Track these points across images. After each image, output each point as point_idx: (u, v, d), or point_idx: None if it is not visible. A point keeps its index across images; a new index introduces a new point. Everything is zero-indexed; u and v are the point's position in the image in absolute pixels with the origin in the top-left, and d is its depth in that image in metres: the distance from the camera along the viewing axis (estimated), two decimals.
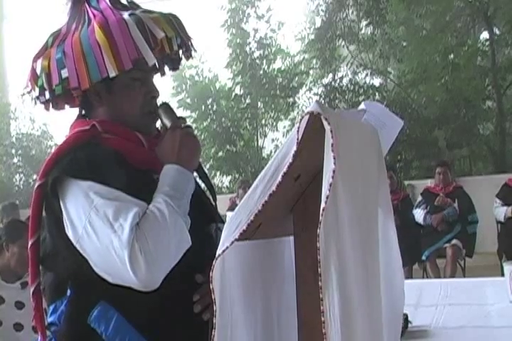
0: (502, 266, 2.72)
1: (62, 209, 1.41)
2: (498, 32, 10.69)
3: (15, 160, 12.19)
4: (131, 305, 1.40)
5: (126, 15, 1.49)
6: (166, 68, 1.69)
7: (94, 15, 1.52)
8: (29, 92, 1.57)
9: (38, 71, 1.52)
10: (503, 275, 2.67)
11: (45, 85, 1.50)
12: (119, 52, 1.44)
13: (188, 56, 1.65)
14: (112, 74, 1.44)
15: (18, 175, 12.11)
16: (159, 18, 1.52)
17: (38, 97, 1.55)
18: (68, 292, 1.45)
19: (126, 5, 1.58)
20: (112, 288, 1.36)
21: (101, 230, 1.34)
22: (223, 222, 1.63)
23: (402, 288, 1.26)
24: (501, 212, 6.05)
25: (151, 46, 1.47)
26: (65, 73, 1.47)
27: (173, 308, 1.44)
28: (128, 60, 1.45)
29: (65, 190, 1.41)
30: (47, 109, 1.59)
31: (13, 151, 12.13)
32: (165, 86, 11.16)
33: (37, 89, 1.53)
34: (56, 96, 1.53)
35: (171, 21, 1.54)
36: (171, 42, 1.53)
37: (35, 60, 1.54)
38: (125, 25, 1.46)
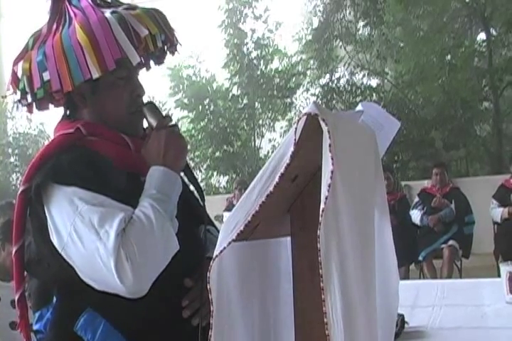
0: (498, 267, 2.72)
1: (47, 216, 1.37)
2: (495, 33, 10.70)
3: (12, 159, 12.15)
4: (118, 312, 1.37)
5: (108, 13, 1.44)
6: (152, 63, 1.64)
7: (75, 15, 1.46)
8: (11, 95, 1.52)
9: (19, 74, 1.47)
10: (499, 276, 2.67)
11: (27, 89, 1.45)
12: (102, 52, 1.39)
13: (173, 51, 1.61)
14: (96, 75, 1.40)
15: (14, 174, 12.07)
16: (142, 15, 1.47)
17: (19, 101, 1.50)
18: (54, 299, 1.42)
19: (108, 1, 1.54)
20: (98, 295, 1.33)
21: (86, 237, 1.30)
22: (212, 224, 1.62)
23: (397, 288, 1.26)
24: (498, 212, 6.08)
25: (134, 44, 1.42)
26: (46, 76, 1.42)
27: (162, 314, 1.41)
28: (111, 60, 1.40)
29: (49, 196, 1.37)
30: (30, 111, 1.54)
31: (10, 151, 12.10)
32: (162, 86, 11.16)
33: (18, 93, 1.48)
34: (38, 99, 1.48)
35: (155, 17, 1.49)
36: (155, 39, 1.49)
37: (15, 62, 1.49)
38: (107, 24, 1.41)
